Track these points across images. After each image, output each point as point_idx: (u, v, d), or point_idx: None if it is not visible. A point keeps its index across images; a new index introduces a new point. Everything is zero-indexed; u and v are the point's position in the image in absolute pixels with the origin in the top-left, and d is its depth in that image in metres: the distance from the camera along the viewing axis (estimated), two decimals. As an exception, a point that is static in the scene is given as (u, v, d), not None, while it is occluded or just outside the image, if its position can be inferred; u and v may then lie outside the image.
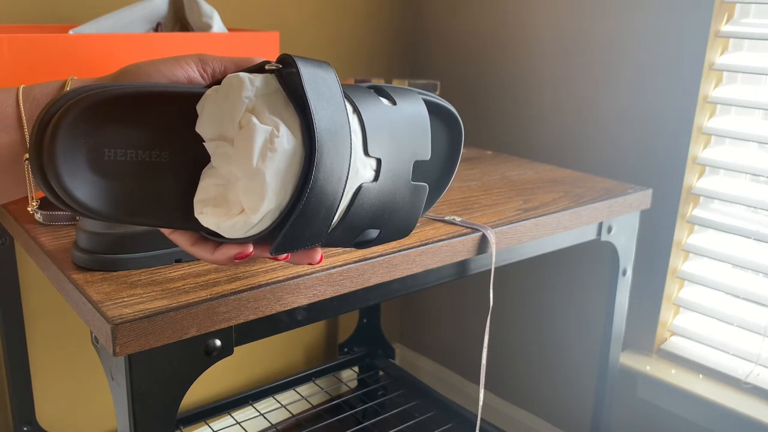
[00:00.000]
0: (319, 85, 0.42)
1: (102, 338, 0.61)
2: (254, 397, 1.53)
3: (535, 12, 1.40)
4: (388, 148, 0.47)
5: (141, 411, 0.63)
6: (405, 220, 0.50)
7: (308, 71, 0.42)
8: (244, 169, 0.40)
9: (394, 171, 0.47)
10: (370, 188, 0.46)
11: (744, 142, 1.20)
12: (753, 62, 1.14)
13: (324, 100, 0.42)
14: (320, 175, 0.41)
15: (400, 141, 0.48)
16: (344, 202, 0.45)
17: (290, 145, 0.40)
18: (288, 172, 0.41)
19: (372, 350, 1.70)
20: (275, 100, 0.41)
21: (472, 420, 1.44)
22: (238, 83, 0.41)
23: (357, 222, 0.46)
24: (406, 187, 0.49)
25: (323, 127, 0.41)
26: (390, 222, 0.49)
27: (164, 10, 1.06)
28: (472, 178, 1.11)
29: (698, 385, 1.23)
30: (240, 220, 0.41)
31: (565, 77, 1.38)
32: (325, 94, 0.42)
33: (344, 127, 0.42)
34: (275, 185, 0.40)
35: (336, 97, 0.43)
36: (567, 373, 1.49)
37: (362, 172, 0.45)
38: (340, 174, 0.42)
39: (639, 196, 1.07)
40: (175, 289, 0.65)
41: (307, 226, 0.42)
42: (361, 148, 0.45)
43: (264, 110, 0.41)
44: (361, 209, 0.46)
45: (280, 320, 0.72)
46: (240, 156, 0.41)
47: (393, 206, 0.48)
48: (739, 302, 1.23)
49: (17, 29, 1.03)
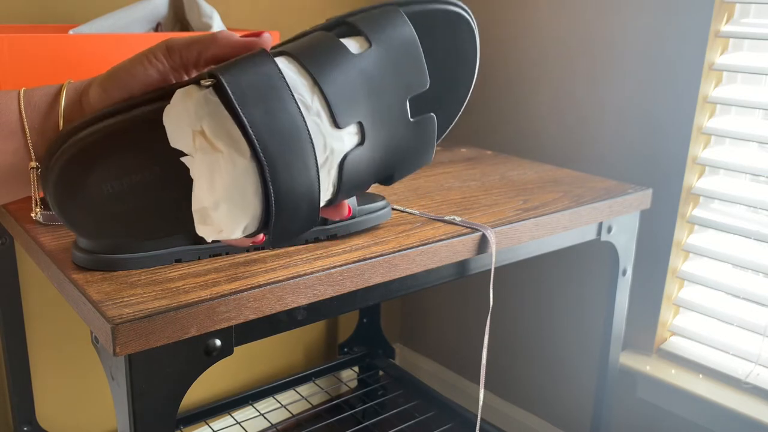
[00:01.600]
0: (255, 89, 0.39)
1: (102, 338, 0.61)
2: (254, 397, 1.53)
3: (535, 12, 1.40)
4: (368, 105, 0.43)
5: (141, 411, 0.63)
6: (417, 155, 0.46)
7: (236, 80, 0.39)
8: (203, 197, 0.40)
9: (383, 122, 0.43)
10: (357, 152, 0.43)
11: (744, 142, 1.20)
12: (753, 62, 1.14)
13: (264, 104, 0.39)
14: (281, 184, 0.39)
15: (384, 88, 0.43)
16: (331, 178, 0.43)
17: (239, 166, 0.39)
18: (246, 191, 0.39)
19: (372, 350, 1.70)
20: (220, 116, 0.39)
21: (472, 420, 1.44)
22: (182, 107, 0.40)
23: (357, 182, 0.44)
24: (406, 128, 0.45)
25: (269, 136, 0.39)
26: (401, 164, 0.46)
27: (164, 10, 1.06)
28: (472, 178, 1.11)
29: (698, 385, 1.23)
30: (225, 236, 0.41)
31: (565, 77, 1.38)
32: (264, 96, 0.39)
33: (297, 124, 0.40)
34: (237, 206, 0.40)
35: (279, 94, 0.40)
36: (567, 373, 1.49)
37: (340, 146, 0.42)
38: (306, 170, 0.40)
39: (639, 196, 1.07)
40: (175, 289, 0.65)
41: (294, 221, 0.41)
42: (330, 125, 0.42)
43: (210, 131, 0.39)
44: (356, 174, 0.43)
45: (280, 320, 0.72)
46: (196, 184, 0.40)
47: (396, 151, 0.45)
48: (739, 302, 1.23)
49: (17, 29, 1.03)
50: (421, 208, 0.93)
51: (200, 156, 0.39)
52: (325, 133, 0.42)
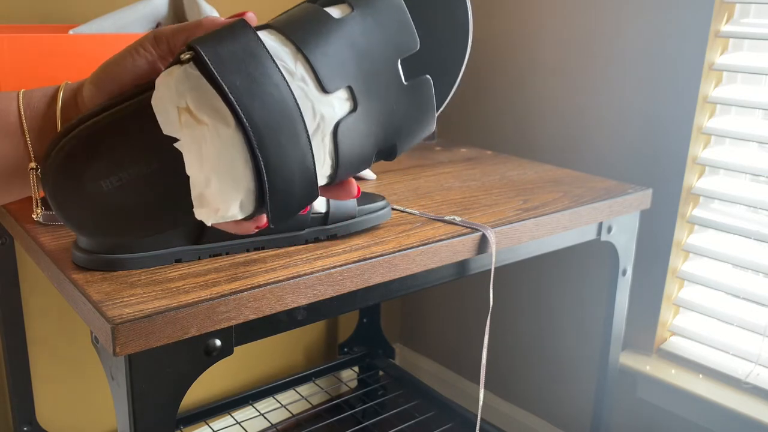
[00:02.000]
0: (234, 57, 0.38)
1: (102, 338, 0.61)
2: (254, 397, 1.53)
3: (536, 12, 1.40)
4: (357, 68, 0.42)
5: (141, 411, 0.63)
6: (417, 121, 0.45)
7: (214, 50, 0.39)
8: (194, 173, 0.39)
9: (375, 86, 0.42)
10: (351, 120, 0.42)
11: (744, 142, 1.20)
12: (753, 62, 1.14)
13: (245, 71, 0.38)
14: (270, 151, 0.38)
15: (371, 50, 0.42)
16: (325, 148, 0.42)
17: (225, 136, 0.38)
18: (236, 163, 0.39)
19: (372, 350, 1.70)
20: (202, 90, 0.39)
21: (472, 420, 1.44)
22: (163, 87, 0.39)
23: (356, 154, 0.43)
24: (401, 92, 0.43)
25: (252, 103, 0.38)
26: (401, 131, 0.45)
27: (164, 10, 1.06)
28: (472, 178, 1.11)
29: (698, 385, 1.23)
30: (221, 215, 0.40)
31: (565, 77, 1.38)
32: (244, 63, 0.38)
33: (280, 89, 0.39)
34: (228, 180, 0.39)
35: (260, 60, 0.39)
36: (567, 373, 1.49)
37: (330, 112, 0.41)
38: (295, 136, 0.39)
39: (639, 196, 1.07)
40: (175, 289, 0.65)
41: (291, 194, 0.40)
42: (317, 90, 0.41)
43: (195, 105, 0.38)
44: (352, 142, 0.42)
45: (280, 320, 0.72)
46: (187, 161, 0.39)
47: (393, 118, 0.44)
48: (739, 302, 1.23)
49: (17, 29, 1.03)
50: (421, 208, 0.93)
51: (186, 132, 0.39)
52: (313, 99, 0.41)
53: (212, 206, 0.40)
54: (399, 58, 0.43)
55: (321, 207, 0.78)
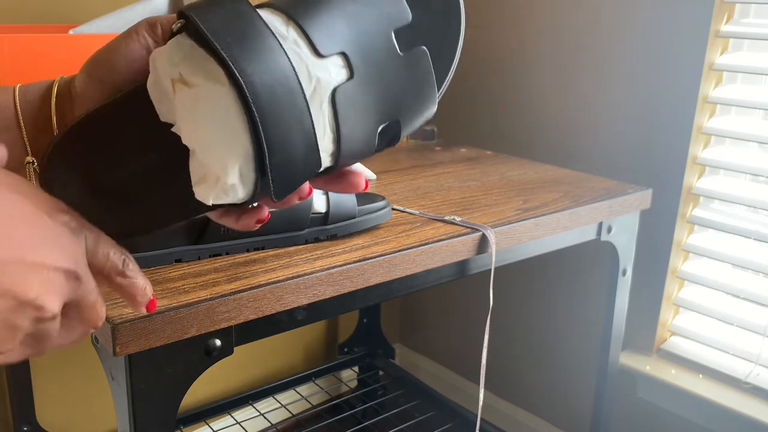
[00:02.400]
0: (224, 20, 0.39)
1: (102, 338, 0.61)
2: (254, 397, 1.53)
3: (535, 12, 1.40)
4: (349, 35, 0.42)
5: (141, 411, 0.63)
6: (418, 95, 0.45)
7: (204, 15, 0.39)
8: (192, 139, 0.39)
9: (370, 55, 0.42)
10: (349, 87, 0.41)
11: (744, 142, 1.20)
12: (753, 62, 1.14)
13: (236, 32, 0.38)
14: (266, 109, 0.38)
15: (364, 19, 0.42)
16: (324, 116, 0.41)
17: (219, 95, 0.38)
18: (231, 122, 0.38)
19: (372, 350, 1.70)
20: (195, 57, 0.39)
21: (472, 420, 1.44)
22: (157, 61, 0.39)
23: (358, 126, 0.42)
24: (397, 63, 0.43)
25: (244, 61, 0.37)
26: (402, 105, 0.44)
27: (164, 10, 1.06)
28: (472, 178, 1.11)
29: (698, 385, 1.23)
30: (221, 187, 0.39)
31: (565, 77, 1.38)
32: (235, 25, 0.38)
33: (272, 48, 0.39)
34: (225, 140, 0.38)
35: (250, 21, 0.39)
36: (567, 373, 1.49)
37: (327, 76, 0.41)
38: (291, 96, 0.39)
39: (639, 196, 1.07)
40: (175, 289, 0.65)
41: (292, 160, 0.40)
42: (311, 53, 0.41)
43: (188, 73, 0.38)
44: (353, 112, 0.42)
45: (280, 320, 0.72)
46: (184, 129, 0.39)
47: (393, 90, 0.43)
48: (739, 302, 1.23)
49: (17, 29, 1.03)
50: (421, 208, 0.93)
51: (180, 100, 0.38)
52: (307, 61, 0.40)
53: (211, 176, 0.39)
54: (392, 28, 0.43)
55: (321, 207, 0.78)
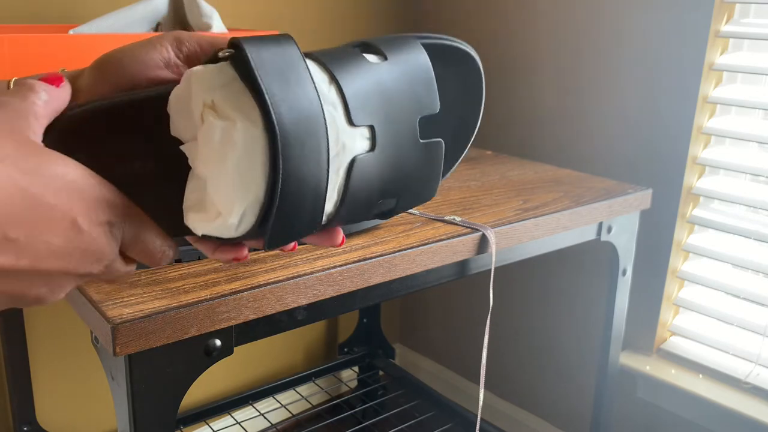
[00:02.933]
0: (275, 64, 0.39)
1: (102, 338, 0.61)
2: (254, 397, 1.53)
3: (535, 12, 1.40)
4: (382, 112, 0.43)
5: (141, 411, 0.63)
6: (423, 182, 0.46)
7: (258, 52, 0.38)
8: (208, 170, 0.38)
9: (394, 134, 0.44)
10: (367, 159, 0.42)
11: (744, 142, 1.20)
12: (753, 62, 1.14)
13: (283, 79, 0.38)
14: (291, 162, 0.38)
15: (397, 100, 0.44)
16: (337, 180, 0.42)
17: (250, 136, 0.38)
18: (254, 166, 0.38)
19: (372, 350, 1.70)
20: (233, 89, 0.39)
21: (472, 420, 1.44)
22: (194, 79, 0.39)
23: (362, 196, 0.43)
24: (415, 148, 0.45)
25: (284, 110, 0.38)
26: (406, 188, 0.45)
27: (164, 10, 1.06)
28: (472, 178, 1.11)
29: (698, 385, 1.23)
30: (220, 223, 0.39)
31: (565, 77, 1.38)
32: (283, 72, 0.39)
33: (313, 104, 0.39)
34: (242, 182, 0.38)
35: (298, 72, 0.39)
36: (567, 373, 1.49)
37: (351, 144, 0.42)
38: (317, 155, 0.39)
39: (639, 196, 1.07)
40: (175, 289, 0.65)
41: (296, 216, 0.40)
42: (344, 119, 0.41)
43: (223, 103, 0.38)
44: (362, 183, 0.43)
45: (280, 320, 0.72)
46: (202, 157, 0.38)
47: (403, 171, 0.45)
48: (739, 302, 1.23)
49: (17, 29, 1.03)
50: (421, 208, 0.93)
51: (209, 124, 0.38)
52: (339, 126, 0.41)
53: (212, 210, 0.39)
54: (419, 115, 0.45)
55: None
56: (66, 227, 0.32)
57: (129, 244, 0.36)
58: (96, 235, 0.34)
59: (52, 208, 0.32)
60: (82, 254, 0.33)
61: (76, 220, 0.33)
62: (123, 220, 0.35)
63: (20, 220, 0.30)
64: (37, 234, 0.31)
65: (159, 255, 0.38)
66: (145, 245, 0.37)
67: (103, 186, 0.35)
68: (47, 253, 0.32)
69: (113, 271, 0.36)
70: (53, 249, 0.32)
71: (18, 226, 0.30)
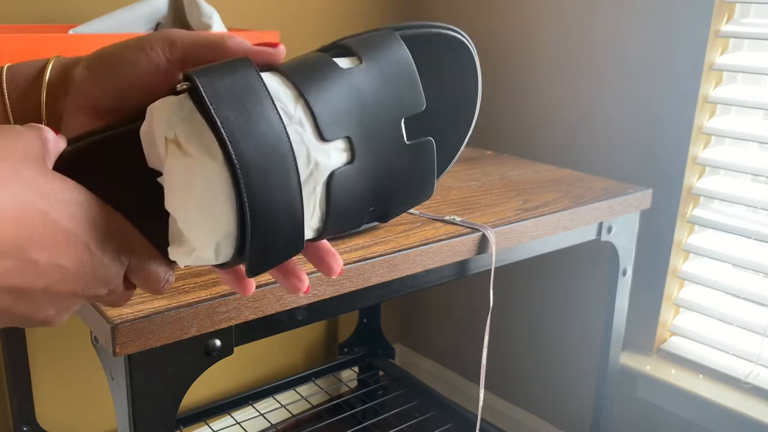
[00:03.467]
0: (230, 91, 0.37)
1: (102, 338, 0.61)
2: (254, 397, 1.53)
3: (535, 12, 1.40)
4: (358, 120, 0.41)
5: (141, 411, 0.63)
6: (415, 185, 0.44)
7: (211, 82, 0.37)
8: (174, 208, 0.37)
9: (375, 141, 0.42)
10: (347, 171, 0.41)
11: (744, 142, 1.20)
12: (753, 62, 1.14)
13: (239, 107, 0.37)
14: (256, 191, 0.37)
15: (375, 104, 0.42)
16: (316, 198, 0.40)
17: (211, 171, 0.37)
18: (219, 200, 0.37)
19: (372, 350, 1.70)
20: (193, 122, 0.37)
21: (472, 420, 1.44)
22: (155, 113, 0.38)
23: (349, 207, 0.42)
24: (401, 151, 0.43)
25: (243, 138, 0.36)
26: (397, 192, 0.44)
27: (164, 10, 1.06)
28: (472, 178, 1.11)
29: (698, 385, 1.23)
30: (197, 256, 0.38)
31: (565, 77, 1.38)
32: (240, 99, 0.37)
33: (274, 128, 0.38)
34: (209, 218, 0.37)
35: (257, 97, 0.38)
36: (567, 373, 1.49)
37: (326, 160, 0.40)
38: (285, 179, 0.38)
39: (639, 196, 1.07)
40: (175, 289, 0.65)
41: (274, 242, 0.39)
42: (314, 136, 0.40)
43: (184, 137, 0.37)
44: (346, 195, 0.41)
45: (280, 320, 0.72)
46: (167, 195, 0.37)
47: (391, 177, 0.43)
48: (739, 302, 1.23)
49: (17, 29, 1.03)
50: (421, 208, 0.93)
51: (170, 164, 0.37)
52: (309, 144, 0.39)
53: (188, 246, 0.38)
54: (403, 116, 0.43)
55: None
56: (79, 252, 0.33)
57: (133, 271, 0.37)
58: (106, 260, 0.35)
59: (69, 232, 0.32)
60: (91, 278, 0.34)
61: (89, 245, 0.34)
62: (130, 246, 0.36)
63: (42, 243, 0.31)
64: (54, 257, 0.32)
65: (162, 282, 0.39)
66: (148, 272, 0.38)
67: (112, 214, 0.36)
68: (61, 276, 0.32)
69: (116, 295, 0.37)
70: (66, 272, 0.33)
71: (40, 249, 0.31)
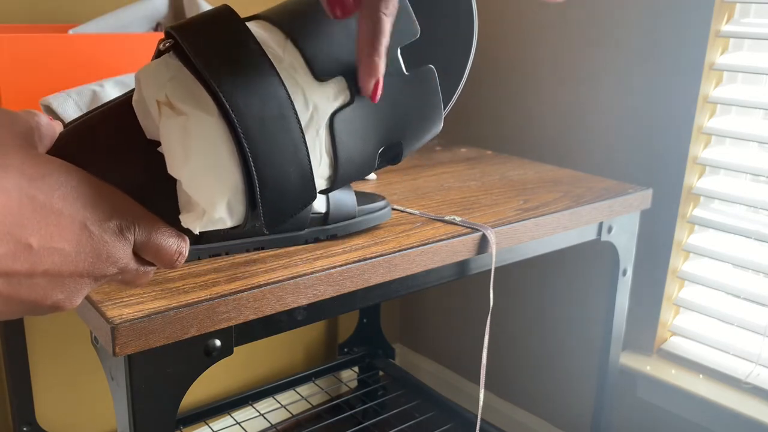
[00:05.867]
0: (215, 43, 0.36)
1: (102, 338, 0.61)
2: (254, 397, 1.53)
3: (535, 12, 1.40)
4: (351, 55, 0.39)
5: (141, 411, 0.63)
6: (422, 116, 0.43)
7: (194, 36, 0.36)
8: (177, 170, 0.36)
9: None
10: (349, 111, 0.39)
11: (744, 142, 1.20)
12: (753, 62, 1.14)
13: (227, 57, 0.36)
14: (258, 142, 0.36)
15: None
16: (321, 143, 0.39)
17: (208, 127, 0.35)
18: (221, 156, 0.36)
19: (372, 350, 1.70)
20: (182, 80, 0.36)
21: (472, 420, 1.44)
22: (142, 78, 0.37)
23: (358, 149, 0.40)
24: (401, 82, 0.41)
25: (235, 89, 0.35)
26: (406, 125, 0.42)
27: (164, 10, 1.06)
28: (472, 178, 1.11)
29: (698, 385, 1.23)
30: (209, 218, 0.37)
31: (566, 77, 1.37)
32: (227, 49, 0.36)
33: (266, 75, 0.36)
34: (214, 176, 0.36)
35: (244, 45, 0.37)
36: (567, 373, 1.49)
37: (324, 102, 0.39)
38: (285, 125, 0.37)
39: (639, 196, 1.07)
40: (175, 289, 0.65)
41: (286, 191, 0.38)
42: (308, 78, 0.38)
43: (175, 96, 0.36)
44: (352, 136, 0.40)
45: (280, 320, 0.72)
46: (168, 159, 0.36)
47: (396, 112, 0.41)
48: (739, 302, 1.23)
49: (17, 29, 1.03)
50: (421, 208, 0.93)
51: (164, 123, 0.36)
52: (304, 86, 0.38)
53: (197, 209, 0.37)
54: (399, 45, 0.41)
55: (321, 207, 0.78)
56: (76, 232, 0.33)
57: (142, 246, 0.36)
58: (107, 238, 0.34)
59: (60, 213, 0.32)
60: (95, 258, 0.34)
61: (86, 224, 0.33)
62: (132, 221, 0.35)
63: (32, 227, 0.31)
64: (49, 240, 0.32)
65: (174, 255, 0.38)
66: (158, 246, 0.37)
67: (108, 190, 0.35)
68: (60, 258, 0.32)
69: (130, 274, 0.37)
70: (65, 254, 0.32)
71: (31, 233, 0.31)
